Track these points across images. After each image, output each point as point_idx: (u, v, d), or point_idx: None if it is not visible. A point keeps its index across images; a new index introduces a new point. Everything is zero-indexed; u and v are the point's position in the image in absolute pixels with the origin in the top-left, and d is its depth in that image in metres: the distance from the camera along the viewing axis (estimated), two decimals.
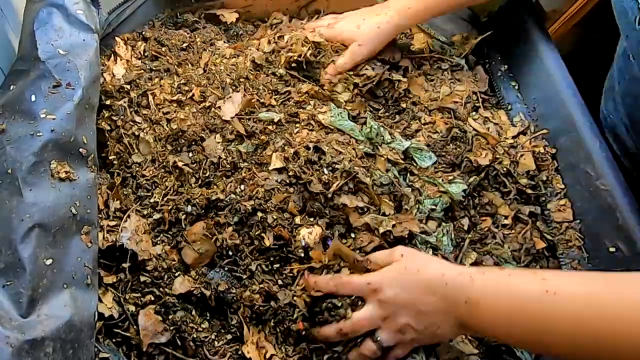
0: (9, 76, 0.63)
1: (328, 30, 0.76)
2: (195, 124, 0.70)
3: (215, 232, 0.63)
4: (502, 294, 0.50)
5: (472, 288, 0.51)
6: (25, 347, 0.47)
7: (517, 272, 0.53)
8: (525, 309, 0.48)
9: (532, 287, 0.48)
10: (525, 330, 0.48)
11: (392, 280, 0.56)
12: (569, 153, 0.72)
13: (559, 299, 0.46)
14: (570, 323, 0.45)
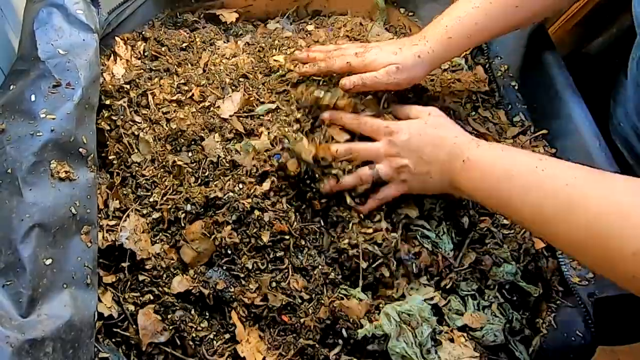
0: (9, 76, 0.64)
1: (357, 59, 0.67)
2: (195, 124, 0.70)
3: (214, 230, 0.63)
4: (498, 159, 0.55)
5: (474, 150, 0.57)
6: (25, 346, 0.47)
7: (521, 151, 0.57)
8: (512, 177, 0.53)
9: (526, 160, 0.53)
10: (503, 196, 0.53)
11: (409, 128, 0.63)
12: (569, 153, 0.72)
13: (545, 174, 0.50)
14: (545, 196, 0.49)
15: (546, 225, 0.49)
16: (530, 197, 0.50)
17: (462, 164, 0.57)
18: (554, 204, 0.48)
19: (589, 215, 0.44)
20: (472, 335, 0.62)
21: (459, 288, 0.65)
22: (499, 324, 0.62)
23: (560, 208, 0.47)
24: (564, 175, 0.49)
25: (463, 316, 0.62)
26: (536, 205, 0.49)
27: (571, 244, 0.47)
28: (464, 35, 0.66)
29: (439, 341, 0.60)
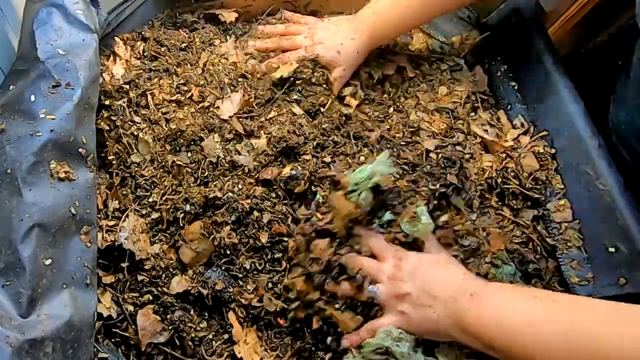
0: (8, 76, 0.64)
1: (308, 55, 0.76)
2: (194, 124, 0.70)
3: (213, 231, 0.63)
4: (513, 299, 0.51)
5: (484, 287, 0.54)
6: (25, 346, 0.47)
7: (535, 292, 0.55)
8: (520, 328, 0.49)
9: (538, 311, 0.49)
10: (521, 345, 0.48)
11: (421, 258, 0.59)
12: (569, 153, 0.72)
13: (568, 319, 0.47)
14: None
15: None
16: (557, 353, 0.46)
17: (470, 299, 0.52)
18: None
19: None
20: None
21: None
22: None
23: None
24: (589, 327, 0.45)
25: None
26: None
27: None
28: (389, 24, 0.74)
29: (437, 343, 0.60)
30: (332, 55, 0.74)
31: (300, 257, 0.62)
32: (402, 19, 0.75)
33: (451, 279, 0.56)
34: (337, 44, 0.74)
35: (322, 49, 0.75)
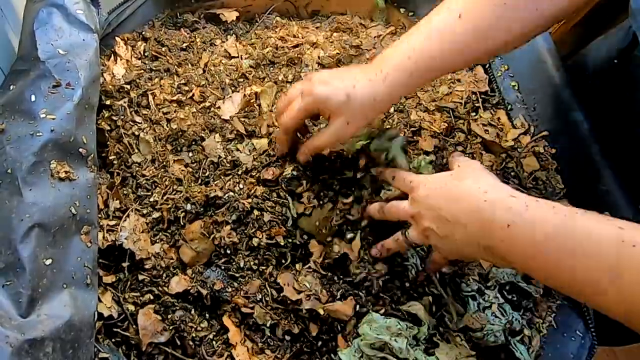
0: (9, 76, 0.64)
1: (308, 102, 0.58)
2: (195, 124, 0.70)
3: (214, 230, 0.63)
4: (562, 236, 0.43)
5: (526, 214, 0.45)
6: (25, 346, 0.47)
7: (589, 216, 0.44)
8: (593, 261, 0.41)
9: (607, 234, 0.41)
10: (573, 278, 0.43)
11: (427, 182, 0.55)
12: (569, 153, 0.72)
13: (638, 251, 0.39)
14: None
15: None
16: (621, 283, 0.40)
17: (505, 232, 0.46)
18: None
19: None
20: (472, 336, 0.62)
21: (460, 289, 0.65)
22: (499, 325, 0.62)
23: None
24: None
25: (463, 317, 0.62)
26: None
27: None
28: (426, 69, 0.55)
29: (436, 342, 0.60)
30: (337, 100, 0.55)
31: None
32: (445, 55, 0.54)
33: (466, 199, 0.49)
34: (346, 86, 0.55)
35: (323, 89, 0.56)
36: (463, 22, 0.53)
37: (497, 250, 0.47)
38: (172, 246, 0.65)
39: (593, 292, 0.42)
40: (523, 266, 0.47)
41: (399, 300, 0.63)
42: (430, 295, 0.63)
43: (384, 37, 0.86)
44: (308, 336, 0.62)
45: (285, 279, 0.61)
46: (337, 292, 0.61)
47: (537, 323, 0.65)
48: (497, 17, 0.53)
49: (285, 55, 0.80)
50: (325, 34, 0.86)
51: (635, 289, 0.40)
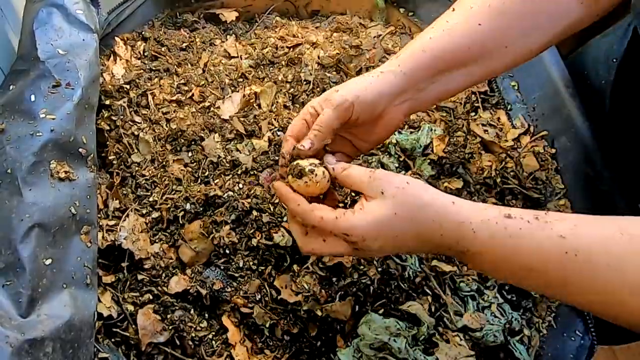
0: (9, 76, 0.64)
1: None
2: (195, 124, 0.70)
3: (213, 230, 0.63)
4: (511, 253, 0.45)
5: (475, 242, 0.45)
6: (25, 346, 0.47)
7: (530, 227, 0.44)
8: (541, 269, 0.44)
9: (549, 248, 0.43)
10: (537, 283, 0.46)
11: (372, 233, 0.47)
12: (569, 153, 0.72)
13: (580, 261, 0.42)
14: (591, 284, 0.42)
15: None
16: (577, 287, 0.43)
17: (466, 255, 0.47)
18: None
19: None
20: (472, 336, 0.62)
21: (459, 289, 0.65)
22: (498, 325, 0.62)
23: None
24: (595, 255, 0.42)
25: (463, 317, 0.62)
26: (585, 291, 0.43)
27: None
28: (416, 48, 0.54)
29: (435, 342, 0.60)
30: (348, 96, 0.52)
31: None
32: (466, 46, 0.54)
33: (429, 239, 0.47)
34: (358, 86, 0.53)
35: (334, 93, 0.53)
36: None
37: (463, 261, 0.50)
38: (172, 246, 0.65)
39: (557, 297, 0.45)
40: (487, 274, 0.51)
41: (398, 300, 0.63)
42: (429, 295, 0.63)
43: (384, 37, 0.86)
44: (307, 336, 0.62)
45: (283, 282, 0.61)
46: (335, 294, 0.61)
47: (536, 323, 0.65)
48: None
49: (285, 55, 0.80)
50: (325, 34, 0.86)
51: (586, 298, 0.43)
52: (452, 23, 0.55)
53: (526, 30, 0.55)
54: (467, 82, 0.57)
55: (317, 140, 0.52)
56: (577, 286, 0.43)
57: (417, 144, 0.72)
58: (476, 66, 0.56)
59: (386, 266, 0.63)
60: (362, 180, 0.49)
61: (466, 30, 0.55)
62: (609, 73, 0.74)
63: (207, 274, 0.63)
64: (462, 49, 0.55)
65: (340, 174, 0.51)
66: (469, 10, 0.55)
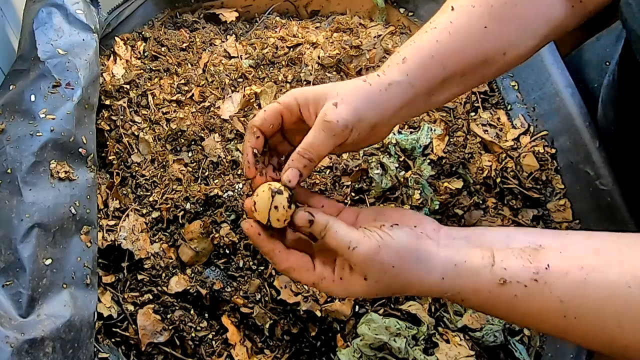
0: (8, 76, 0.64)
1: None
2: (195, 124, 0.70)
3: (213, 230, 0.63)
4: (504, 314, 0.44)
5: (466, 304, 0.45)
6: (25, 346, 0.47)
7: (527, 293, 0.41)
8: (536, 326, 0.44)
9: (547, 311, 0.41)
10: (521, 320, 0.44)
11: (348, 294, 0.44)
12: (569, 153, 0.72)
13: (582, 323, 0.39)
14: (593, 340, 0.40)
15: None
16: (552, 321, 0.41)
17: (450, 297, 0.44)
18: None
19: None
20: (471, 336, 0.62)
21: None
22: (498, 325, 0.62)
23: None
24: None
25: (462, 317, 0.62)
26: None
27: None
28: (425, 55, 0.48)
29: (435, 342, 0.60)
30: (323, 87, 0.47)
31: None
32: (433, 51, 0.49)
33: (406, 290, 0.44)
34: (362, 104, 0.47)
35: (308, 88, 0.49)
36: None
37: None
38: (172, 246, 0.65)
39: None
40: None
41: (398, 300, 0.63)
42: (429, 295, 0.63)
43: (384, 37, 0.86)
44: (307, 336, 0.62)
45: (282, 282, 0.61)
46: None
47: None
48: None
49: (285, 55, 0.80)
50: (325, 34, 0.86)
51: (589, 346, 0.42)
52: (456, 24, 0.50)
53: (522, 35, 0.51)
54: (457, 92, 0.52)
55: (306, 172, 0.45)
56: (579, 341, 0.42)
57: (417, 144, 0.72)
58: (474, 74, 0.51)
59: None
60: (342, 251, 0.42)
61: (472, 33, 0.50)
62: (600, 76, 0.74)
63: (207, 274, 0.63)
64: (468, 55, 0.50)
65: (322, 230, 0.43)
66: (472, 11, 0.50)
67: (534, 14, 0.51)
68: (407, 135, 0.73)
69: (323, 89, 0.47)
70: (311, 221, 0.44)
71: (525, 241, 0.43)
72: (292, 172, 0.45)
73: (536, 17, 0.52)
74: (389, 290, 0.44)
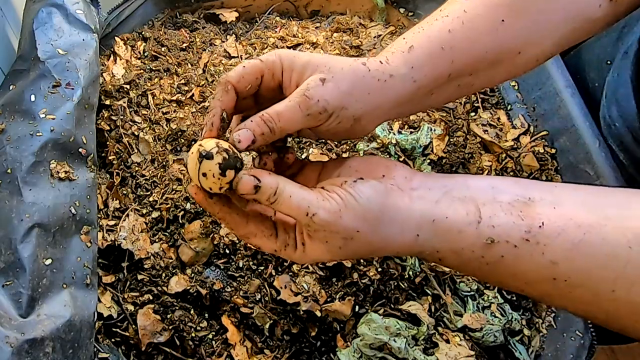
0: (8, 76, 0.64)
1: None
2: (195, 124, 0.70)
3: (213, 230, 0.63)
4: (485, 276, 0.39)
5: (443, 263, 0.40)
6: (25, 346, 0.47)
7: (516, 253, 0.37)
8: (521, 289, 0.38)
9: (535, 273, 0.36)
10: (500, 282, 0.39)
11: (315, 259, 0.40)
12: (569, 153, 0.72)
13: (572, 285, 0.35)
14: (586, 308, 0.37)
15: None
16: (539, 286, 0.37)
17: (423, 256, 0.39)
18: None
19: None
20: (471, 336, 0.62)
21: (459, 289, 0.65)
22: (498, 325, 0.62)
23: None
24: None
25: (462, 317, 0.62)
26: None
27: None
28: (434, 46, 0.43)
29: (435, 342, 0.60)
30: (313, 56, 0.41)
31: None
32: (444, 41, 0.43)
33: (381, 252, 0.39)
34: (352, 92, 0.41)
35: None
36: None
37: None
38: (172, 246, 0.65)
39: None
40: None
41: (397, 300, 0.63)
42: (429, 295, 0.63)
43: (384, 37, 0.86)
44: (307, 336, 0.62)
45: (282, 282, 0.61)
46: (335, 294, 0.61)
47: (536, 323, 0.65)
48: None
49: None
50: (325, 34, 0.86)
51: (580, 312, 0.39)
52: (471, 14, 0.44)
53: (540, 34, 0.46)
54: (456, 95, 0.47)
55: (260, 141, 0.39)
56: (562, 304, 0.38)
57: (417, 144, 0.72)
58: (481, 74, 0.46)
59: (386, 266, 0.63)
60: (300, 218, 0.37)
61: (488, 26, 0.44)
62: (600, 76, 0.74)
63: (207, 274, 0.63)
64: (480, 51, 0.44)
65: (271, 197, 0.36)
66: (488, 1, 0.44)
67: (557, 9, 0.45)
68: (407, 135, 0.73)
69: (313, 58, 0.41)
70: (257, 187, 0.37)
71: (513, 194, 0.38)
72: (246, 134, 0.38)
73: (559, 13, 0.45)
74: (356, 255, 0.39)
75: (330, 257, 0.39)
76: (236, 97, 0.41)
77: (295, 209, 0.36)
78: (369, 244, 0.38)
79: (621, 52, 0.67)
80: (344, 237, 0.37)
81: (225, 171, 0.37)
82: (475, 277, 0.41)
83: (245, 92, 0.42)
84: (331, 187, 0.38)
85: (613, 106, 0.71)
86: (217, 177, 0.37)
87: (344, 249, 0.38)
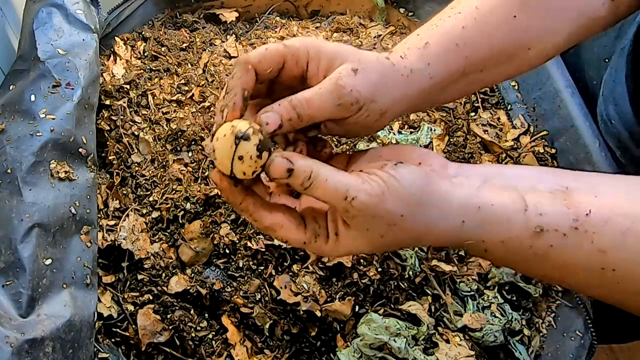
0: (8, 76, 0.64)
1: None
2: (195, 124, 0.70)
3: (213, 230, 0.63)
4: (530, 267, 0.38)
5: (485, 242, 0.37)
6: (25, 346, 0.47)
7: (565, 243, 0.36)
8: (566, 281, 0.38)
9: (584, 263, 0.35)
10: (547, 274, 0.38)
11: (343, 252, 0.38)
12: (569, 153, 0.72)
13: (618, 276, 0.35)
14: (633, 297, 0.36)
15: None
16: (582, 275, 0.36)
17: (467, 246, 0.38)
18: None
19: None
20: (471, 336, 0.62)
21: (459, 289, 0.65)
22: (498, 325, 0.62)
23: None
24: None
25: (462, 317, 0.62)
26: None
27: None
28: (450, 42, 0.43)
29: (435, 342, 0.60)
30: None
31: None
32: (458, 38, 0.44)
33: (412, 243, 0.38)
34: (381, 85, 0.41)
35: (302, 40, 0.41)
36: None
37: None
38: (172, 246, 0.65)
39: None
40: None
41: (398, 300, 0.63)
42: (429, 295, 0.63)
43: (384, 37, 0.86)
44: (307, 336, 0.62)
45: (282, 282, 0.61)
46: (335, 294, 0.61)
47: (536, 323, 0.65)
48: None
49: None
50: (325, 34, 0.86)
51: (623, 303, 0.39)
52: (483, 11, 0.44)
53: (549, 30, 0.46)
54: (465, 92, 0.48)
55: (287, 127, 0.37)
56: (608, 294, 0.38)
57: (417, 144, 0.72)
58: (492, 70, 0.46)
59: (386, 266, 0.63)
60: (337, 202, 0.34)
61: (500, 22, 0.44)
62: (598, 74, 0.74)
63: (207, 274, 0.63)
64: (492, 47, 0.44)
65: (306, 181, 0.34)
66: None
67: (566, 6, 0.46)
68: (407, 135, 0.73)
69: (342, 48, 0.40)
70: (290, 170, 0.34)
71: (552, 182, 0.37)
72: (274, 117, 0.36)
73: (567, 9, 0.46)
74: (397, 245, 0.37)
75: (370, 247, 0.36)
76: (255, 78, 0.39)
77: (332, 192, 0.34)
78: (412, 231, 0.36)
79: (618, 50, 0.68)
80: (387, 222, 0.34)
81: (262, 153, 0.34)
82: (517, 269, 0.39)
83: (264, 76, 0.39)
84: (371, 170, 0.36)
85: (610, 104, 0.71)
86: (255, 159, 0.34)
87: (386, 237, 0.35)
